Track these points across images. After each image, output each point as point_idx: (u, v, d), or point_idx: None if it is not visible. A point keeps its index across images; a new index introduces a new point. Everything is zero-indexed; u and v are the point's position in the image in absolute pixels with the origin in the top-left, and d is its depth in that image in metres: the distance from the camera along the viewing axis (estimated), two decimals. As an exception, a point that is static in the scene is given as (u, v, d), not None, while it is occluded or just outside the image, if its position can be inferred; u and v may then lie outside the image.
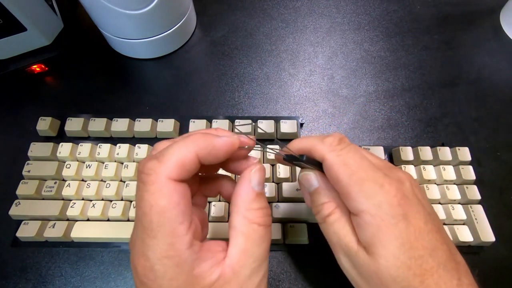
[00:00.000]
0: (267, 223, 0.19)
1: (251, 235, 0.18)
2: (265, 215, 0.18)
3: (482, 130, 0.36)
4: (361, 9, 0.46)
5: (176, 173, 0.16)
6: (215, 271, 0.16)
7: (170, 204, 0.16)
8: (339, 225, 0.20)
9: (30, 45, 0.39)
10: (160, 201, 0.16)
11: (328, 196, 0.21)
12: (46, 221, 0.31)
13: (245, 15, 0.46)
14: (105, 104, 0.39)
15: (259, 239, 0.18)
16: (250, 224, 0.18)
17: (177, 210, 0.16)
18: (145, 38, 0.39)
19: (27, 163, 0.32)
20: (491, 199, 0.32)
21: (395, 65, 0.41)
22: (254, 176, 0.19)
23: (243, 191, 0.19)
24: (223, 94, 0.39)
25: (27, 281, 0.29)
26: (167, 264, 0.15)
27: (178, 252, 0.16)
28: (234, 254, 0.17)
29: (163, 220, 0.16)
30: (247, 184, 0.19)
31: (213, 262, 0.17)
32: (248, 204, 0.18)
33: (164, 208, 0.16)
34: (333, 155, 0.20)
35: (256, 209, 0.18)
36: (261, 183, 0.19)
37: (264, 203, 0.19)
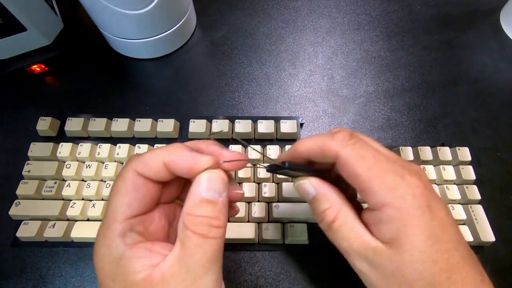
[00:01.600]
0: (207, 233, 0.16)
1: (185, 243, 0.16)
2: (205, 224, 0.16)
3: (482, 130, 0.36)
4: (361, 9, 0.46)
5: (140, 168, 0.17)
6: (143, 271, 0.16)
7: (122, 188, 0.17)
8: (346, 228, 0.19)
9: (30, 45, 0.40)
10: (117, 183, 0.17)
11: (328, 201, 0.20)
12: (46, 221, 0.31)
13: (245, 15, 0.46)
14: (105, 104, 0.39)
15: (194, 249, 0.16)
16: (185, 230, 0.16)
17: (125, 197, 0.17)
18: (145, 38, 0.39)
19: (27, 163, 0.32)
20: (491, 199, 0.32)
21: (395, 65, 0.41)
22: (202, 179, 0.17)
23: (189, 193, 0.17)
24: (223, 94, 0.39)
25: (27, 281, 0.29)
26: (102, 242, 0.16)
27: (111, 234, 0.16)
28: (168, 260, 0.16)
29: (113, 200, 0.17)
30: (195, 187, 0.17)
31: (147, 262, 0.16)
32: (188, 208, 0.16)
33: (117, 191, 0.17)
34: (348, 150, 0.19)
35: (195, 216, 0.16)
36: (211, 189, 0.17)
37: (210, 212, 0.16)
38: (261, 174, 0.32)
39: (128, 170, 0.18)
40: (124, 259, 0.16)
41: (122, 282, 0.16)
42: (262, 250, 0.30)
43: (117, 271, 0.16)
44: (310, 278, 0.29)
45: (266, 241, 0.30)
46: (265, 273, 0.30)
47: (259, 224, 0.30)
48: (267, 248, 0.30)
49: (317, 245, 0.30)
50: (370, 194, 0.18)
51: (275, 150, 0.33)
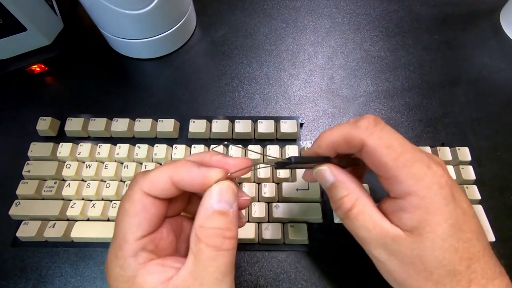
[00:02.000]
0: (221, 245, 0.16)
1: (198, 256, 0.16)
2: (218, 236, 0.16)
3: (482, 130, 0.36)
4: (361, 9, 0.46)
5: (147, 188, 0.17)
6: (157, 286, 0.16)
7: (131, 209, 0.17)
8: (365, 217, 0.19)
9: (30, 45, 0.40)
10: (125, 204, 0.17)
11: (347, 189, 0.20)
12: (46, 221, 0.31)
13: (245, 15, 0.46)
14: (105, 104, 0.39)
15: (208, 262, 0.16)
16: (198, 243, 0.16)
17: (134, 218, 0.17)
18: (145, 38, 0.39)
19: (27, 163, 0.32)
20: (491, 199, 0.32)
21: (395, 65, 0.41)
22: (214, 191, 0.17)
23: (201, 206, 0.17)
24: (223, 94, 0.39)
25: (27, 281, 0.29)
26: (115, 262, 0.17)
27: (123, 255, 0.17)
28: (182, 274, 0.16)
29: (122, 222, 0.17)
30: (206, 199, 0.17)
31: (160, 277, 0.16)
32: (201, 220, 0.17)
33: (125, 212, 0.17)
34: (374, 138, 0.18)
35: (208, 228, 0.16)
36: (223, 200, 0.17)
37: (222, 223, 0.16)
38: (261, 174, 0.32)
39: (135, 190, 0.18)
40: (138, 277, 0.16)
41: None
42: (262, 250, 0.30)
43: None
44: (310, 278, 0.29)
45: (266, 241, 0.30)
46: (265, 273, 0.30)
47: (259, 224, 0.30)
48: (267, 248, 0.30)
49: (317, 245, 0.30)
50: (396, 182, 0.18)
51: (275, 150, 0.33)
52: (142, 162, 0.33)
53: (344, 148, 0.20)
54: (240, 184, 0.32)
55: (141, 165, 0.33)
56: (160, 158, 0.33)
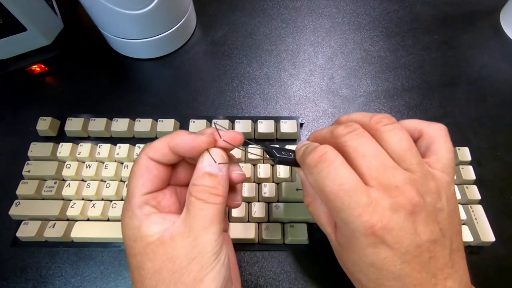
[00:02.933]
0: (207, 199, 0.19)
1: (189, 207, 0.19)
2: (206, 191, 0.19)
3: (482, 130, 0.36)
4: (361, 9, 0.46)
5: (150, 153, 0.20)
6: (157, 233, 0.19)
7: (138, 171, 0.20)
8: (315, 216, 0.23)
9: (30, 45, 0.40)
10: (134, 167, 0.21)
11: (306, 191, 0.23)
12: (46, 221, 0.31)
13: (245, 15, 0.46)
14: (105, 104, 0.39)
15: (196, 211, 0.19)
16: (190, 197, 0.19)
17: (140, 178, 0.20)
18: (145, 38, 0.39)
19: (27, 163, 0.32)
20: (491, 199, 0.32)
21: (395, 65, 0.41)
22: (206, 156, 0.20)
23: (195, 169, 0.20)
24: (223, 94, 0.39)
25: (27, 281, 0.29)
26: (126, 215, 0.20)
27: (131, 207, 0.20)
28: (176, 223, 0.19)
29: (130, 181, 0.20)
30: (199, 163, 0.20)
31: (161, 227, 0.19)
32: (194, 179, 0.20)
33: (133, 173, 0.20)
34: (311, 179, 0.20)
35: (199, 185, 0.19)
36: (213, 164, 0.20)
37: (211, 183, 0.19)
38: (261, 174, 0.32)
39: (141, 156, 0.21)
40: (143, 226, 0.19)
41: (141, 243, 0.19)
42: (262, 250, 0.30)
43: (138, 234, 0.19)
44: (310, 278, 0.29)
45: (266, 241, 0.30)
46: (265, 273, 0.30)
47: (259, 224, 0.31)
48: (267, 248, 0.30)
49: (317, 245, 0.30)
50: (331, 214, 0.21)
51: (275, 150, 0.33)
52: (142, 162, 0.33)
53: None
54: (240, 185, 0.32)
55: (141, 165, 0.33)
56: (160, 158, 0.33)
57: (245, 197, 0.31)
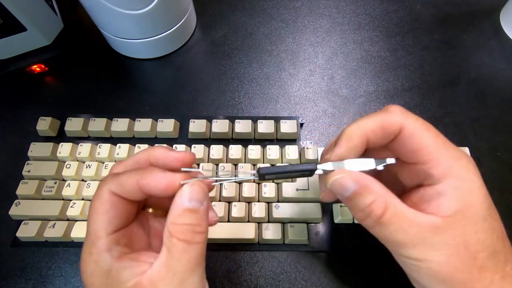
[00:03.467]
0: (191, 239, 0.17)
1: (171, 249, 0.17)
2: (189, 231, 0.17)
3: (482, 130, 0.36)
4: (361, 9, 0.46)
5: (115, 189, 0.18)
6: (132, 279, 0.16)
7: (100, 207, 0.18)
8: (399, 217, 0.17)
9: (30, 45, 0.40)
10: (96, 203, 0.18)
11: (373, 193, 0.18)
12: (46, 221, 0.31)
13: (245, 15, 0.46)
14: (105, 104, 0.39)
15: (180, 254, 0.17)
16: (171, 238, 0.17)
17: (104, 216, 0.18)
18: (145, 38, 0.39)
19: (27, 163, 0.32)
20: (491, 199, 0.32)
21: (395, 65, 0.41)
22: (185, 190, 0.18)
23: (173, 204, 0.18)
24: (223, 94, 0.39)
25: (27, 281, 0.29)
26: (89, 259, 0.17)
27: (97, 251, 0.17)
28: (155, 266, 0.17)
29: (93, 220, 0.18)
30: (178, 197, 0.18)
31: (135, 271, 0.17)
32: (172, 217, 0.17)
33: (95, 210, 0.18)
34: (413, 121, 0.19)
35: (180, 224, 0.17)
36: (193, 199, 0.18)
37: (193, 220, 0.17)
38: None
39: (103, 190, 0.18)
40: (113, 271, 0.17)
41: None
42: (262, 250, 0.30)
43: (108, 282, 0.17)
44: (310, 278, 0.29)
45: (266, 241, 0.30)
46: (265, 273, 0.30)
47: (259, 224, 0.30)
48: (267, 248, 0.30)
49: (317, 245, 0.30)
50: (436, 165, 0.18)
51: (275, 150, 0.33)
52: (142, 162, 0.33)
53: (380, 136, 0.19)
54: (240, 184, 0.32)
55: (141, 165, 0.33)
56: (160, 158, 0.33)
57: (245, 197, 0.31)
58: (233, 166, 0.33)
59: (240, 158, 0.33)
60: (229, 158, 0.33)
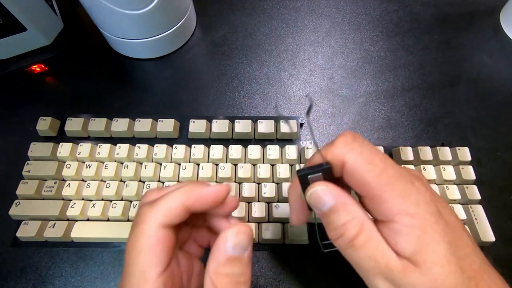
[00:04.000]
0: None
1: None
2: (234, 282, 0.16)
3: (482, 130, 0.36)
4: (361, 9, 0.46)
5: (163, 220, 0.17)
6: None
7: (147, 245, 0.16)
8: (373, 245, 0.17)
9: (30, 45, 0.40)
10: (140, 242, 0.16)
11: (350, 212, 0.17)
12: (46, 221, 0.31)
13: (245, 15, 0.46)
14: (105, 104, 0.39)
15: None
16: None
17: (152, 252, 0.16)
18: (145, 38, 0.39)
19: (27, 163, 0.32)
20: (491, 199, 0.32)
21: (395, 65, 0.41)
22: (230, 236, 0.17)
23: (215, 250, 0.17)
24: (223, 94, 0.39)
25: (27, 281, 0.29)
26: None
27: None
28: None
29: (138, 260, 0.16)
30: (222, 244, 0.17)
31: None
32: (216, 266, 0.16)
33: (141, 248, 0.16)
34: (355, 155, 0.17)
35: (223, 275, 0.16)
36: (238, 246, 0.17)
37: (237, 269, 0.17)
38: (261, 174, 0.32)
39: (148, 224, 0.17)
40: None
41: None
42: (262, 250, 0.30)
43: None
44: (310, 278, 0.29)
45: (266, 241, 0.30)
46: (265, 273, 0.30)
47: (259, 224, 0.30)
48: (267, 248, 0.30)
49: (317, 245, 0.30)
50: (382, 202, 0.17)
51: (275, 150, 0.33)
52: (142, 162, 0.33)
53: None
54: (240, 184, 0.32)
55: (141, 165, 0.33)
56: (160, 158, 0.33)
57: (245, 197, 0.31)
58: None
59: (240, 158, 0.33)
60: (229, 158, 0.33)
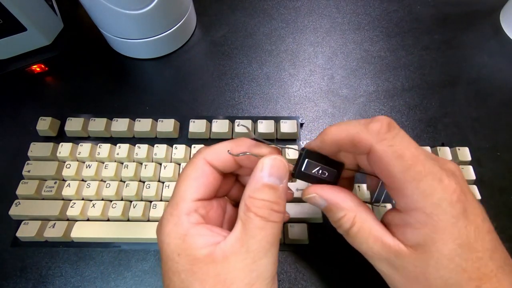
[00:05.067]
0: (269, 217, 0.17)
1: (246, 224, 0.17)
2: (267, 208, 0.17)
3: (482, 130, 0.36)
4: (361, 9, 0.46)
5: (210, 157, 0.19)
6: (206, 248, 0.17)
7: (193, 173, 0.19)
8: (365, 233, 0.19)
9: (30, 45, 0.40)
10: (188, 169, 0.19)
11: (342, 209, 0.19)
12: (46, 221, 0.31)
13: (245, 15, 0.46)
14: (105, 104, 0.39)
15: (256, 230, 0.16)
16: (247, 212, 0.17)
17: (194, 181, 0.18)
18: (145, 38, 0.39)
19: (27, 163, 0.32)
20: (491, 199, 0.32)
21: (395, 65, 0.41)
22: (265, 164, 0.18)
23: (252, 177, 0.18)
24: (223, 94, 0.39)
25: (27, 281, 0.29)
26: (169, 220, 0.18)
27: (178, 213, 0.18)
28: (229, 239, 0.17)
29: (182, 183, 0.19)
30: (257, 172, 0.18)
31: (209, 240, 0.17)
32: (251, 191, 0.17)
33: (187, 175, 0.19)
34: (384, 146, 0.17)
35: (258, 199, 0.17)
36: (273, 174, 0.17)
37: (272, 197, 0.17)
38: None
39: (199, 158, 0.19)
40: (189, 236, 0.17)
41: (187, 257, 0.17)
42: (262, 250, 0.30)
43: (182, 246, 0.17)
44: (310, 278, 0.29)
45: (266, 241, 0.30)
46: (265, 273, 0.30)
47: (259, 224, 0.30)
48: (267, 248, 0.30)
49: (317, 245, 0.30)
50: (403, 196, 0.17)
51: (275, 150, 0.33)
52: (142, 162, 0.33)
53: (349, 148, 0.19)
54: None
55: (141, 165, 0.33)
56: (160, 158, 0.33)
57: (245, 197, 0.31)
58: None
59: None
60: (229, 158, 0.33)
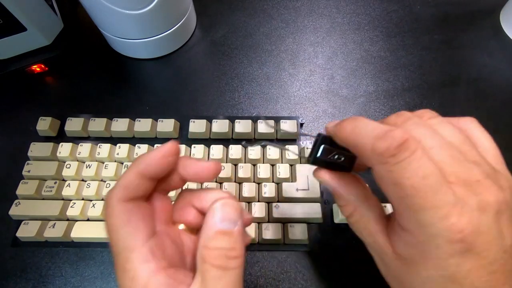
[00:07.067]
0: (226, 265, 0.16)
1: (204, 275, 0.16)
2: (223, 256, 0.16)
3: (482, 130, 0.36)
4: (361, 9, 0.46)
5: (122, 194, 0.17)
6: None
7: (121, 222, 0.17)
8: (360, 225, 0.19)
9: (30, 45, 0.39)
10: (113, 221, 0.17)
11: (344, 199, 0.19)
12: (46, 221, 0.31)
13: (245, 15, 0.46)
14: (105, 104, 0.39)
15: (213, 281, 0.16)
16: (203, 263, 0.16)
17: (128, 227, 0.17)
18: (145, 38, 0.39)
19: (27, 163, 0.32)
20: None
21: (395, 65, 0.41)
22: (216, 209, 0.17)
23: (204, 225, 0.17)
24: (223, 94, 0.39)
25: (27, 281, 0.29)
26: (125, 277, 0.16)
27: (133, 266, 0.16)
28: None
29: (118, 237, 0.17)
30: (209, 218, 0.17)
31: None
32: (205, 240, 0.16)
33: (116, 226, 0.17)
34: (383, 170, 0.16)
35: (212, 249, 0.16)
36: (226, 219, 0.17)
37: (226, 244, 0.16)
38: (261, 174, 0.32)
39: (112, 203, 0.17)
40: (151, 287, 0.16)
41: None
42: (262, 250, 0.30)
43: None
44: (310, 278, 0.29)
45: (266, 241, 0.30)
46: (265, 273, 0.30)
47: (259, 224, 0.30)
48: (267, 248, 0.30)
49: (317, 245, 0.30)
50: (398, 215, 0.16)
51: (275, 150, 0.33)
52: (142, 162, 0.33)
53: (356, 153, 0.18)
54: (240, 184, 0.32)
55: (141, 165, 0.33)
56: (160, 158, 0.33)
57: (245, 197, 0.31)
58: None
59: (240, 158, 0.33)
60: (229, 158, 0.33)
